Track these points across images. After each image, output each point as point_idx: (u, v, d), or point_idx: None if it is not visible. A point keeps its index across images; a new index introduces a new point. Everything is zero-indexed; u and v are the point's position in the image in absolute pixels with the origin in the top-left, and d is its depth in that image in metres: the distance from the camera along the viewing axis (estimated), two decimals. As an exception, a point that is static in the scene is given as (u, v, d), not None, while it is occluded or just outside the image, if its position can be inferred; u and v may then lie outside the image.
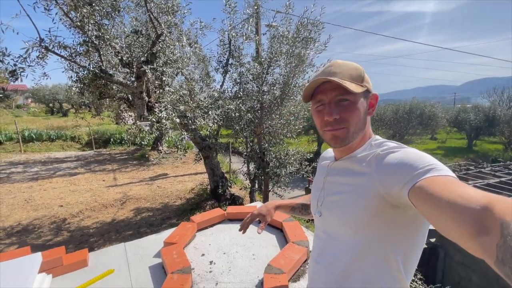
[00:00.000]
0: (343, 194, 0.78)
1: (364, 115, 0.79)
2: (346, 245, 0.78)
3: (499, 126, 19.33)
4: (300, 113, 4.45)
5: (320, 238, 0.90)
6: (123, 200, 6.53)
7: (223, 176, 6.24)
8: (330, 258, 0.83)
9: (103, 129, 15.00)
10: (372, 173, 0.70)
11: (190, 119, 4.77)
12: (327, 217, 0.85)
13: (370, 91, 0.80)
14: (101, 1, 3.06)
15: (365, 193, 0.71)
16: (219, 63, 5.49)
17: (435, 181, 0.55)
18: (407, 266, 0.73)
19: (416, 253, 0.74)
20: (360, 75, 0.78)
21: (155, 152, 12.28)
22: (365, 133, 0.82)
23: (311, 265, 0.96)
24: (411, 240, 0.72)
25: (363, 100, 0.78)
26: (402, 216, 0.69)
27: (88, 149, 13.14)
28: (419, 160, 0.61)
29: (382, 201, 0.68)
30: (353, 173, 0.77)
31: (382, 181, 0.67)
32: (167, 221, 5.48)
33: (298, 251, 1.87)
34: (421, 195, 0.55)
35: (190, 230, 2.28)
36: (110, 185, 7.69)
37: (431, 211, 0.53)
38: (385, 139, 0.80)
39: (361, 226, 0.73)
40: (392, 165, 0.66)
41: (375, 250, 0.73)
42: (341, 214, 0.78)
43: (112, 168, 9.75)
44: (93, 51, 3.47)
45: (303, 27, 3.94)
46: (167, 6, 3.44)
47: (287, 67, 4.19)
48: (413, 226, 0.71)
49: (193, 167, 10.23)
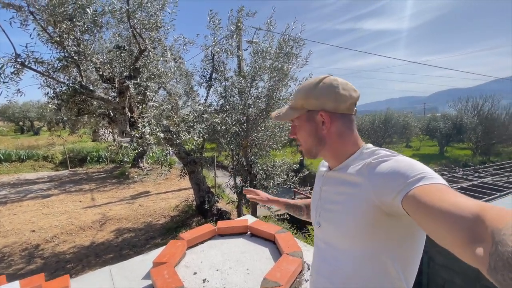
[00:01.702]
0: (338, 204, 0.79)
1: (311, 134, 0.84)
2: (345, 255, 0.78)
3: (466, 133, 20.78)
4: (285, 124, 4.54)
5: (320, 248, 0.90)
6: (102, 221, 6.17)
7: (209, 191, 6.13)
8: (330, 268, 0.83)
9: (79, 147, 14.32)
10: (365, 182, 0.71)
11: (175, 134, 4.70)
12: (325, 227, 0.86)
13: (314, 109, 0.82)
14: (82, 16, 3.01)
15: (359, 203, 0.72)
16: (203, 77, 5.53)
17: (427, 189, 0.56)
18: (406, 274, 0.73)
19: (415, 261, 0.75)
20: (307, 94, 0.83)
21: (135, 169, 11.87)
22: (345, 144, 0.82)
23: (312, 275, 0.96)
24: (409, 247, 0.73)
25: (306, 122, 0.85)
26: (398, 224, 0.69)
27: (63, 168, 12.42)
28: (410, 168, 0.62)
29: (376, 210, 0.68)
30: (347, 183, 0.78)
31: (375, 191, 0.67)
32: (151, 241, 5.24)
33: (293, 263, 1.86)
34: (414, 204, 0.56)
35: (180, 248, 2.19)
36: (87, 206, 7.26)
37: (424, 220, 0.54)
38: (377, 147, 0.81)
39: (357, 236, 0.74)
40: (384, 174, 0.66)
41: (373, 259, 0.73)
42: (337, 224, 0.79)
43: (90, 187, 9.25)
44: (72, 66, 3.36)
45: (285, 43, 4.10)
46: (150, 22, 3.45)
47: (271, 81, 4.30)
48: (410, 233, 0.71)
49: (177, 184, 9.96)
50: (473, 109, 23.25)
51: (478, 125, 20.16)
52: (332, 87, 0.81)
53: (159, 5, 3.49)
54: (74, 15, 2.88)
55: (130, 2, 3.28)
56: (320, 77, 0.84)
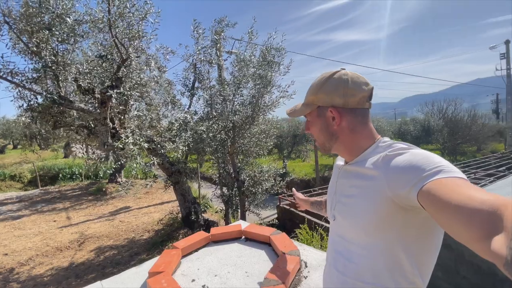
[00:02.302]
0: (353, 197, 0.79)
1: (322, 130, 0.86)
2: (359, 248, 0.78)
3: (434, 134, 22.26)
4: (270, 130, 4.63)
5: (334, 241, 0.90)
6: (80, 240, 5.80)
7: (195, 202, 6.01)
8: (344, 261, 0.82)
9: (49, 164, 13.42)
10: (380, 175, 0.70)
11: (159, 144, 4.61)
12: (340, 220, 0.86)
13: (324, 105, 0.83)
14: (60, 26, 2.93)
15: (374, 196, 0.71)
16: (185, 86, 5.53)
17: (444, 183, 0.54)
18: (422, 269, 0.72)
19: (431, 256, 0.73)
20: (317, 90, 0.84)
21: (113, 184, 11.33)
22: (358, 138, 0.82)
23: (326, 268, 0.96)
24: (425, 242, 0.71)
25: (317, 117, 0.86)
26: (413, 218, 0.68)
27: (32, 188, 11.55)
28: (427, 161, 0.61)
29: (391, 203, 0.67)
30: (362, 176, 0.77)
31: (390, 184, 0.66)
32: (135, 257, 5.00)
33: (291, 261, 1.89)
34: (430, 198, 0.55)
35: (175, 257, 2.14)
36: (63, 226, 6.79)
37: (440, 214, 0.52)
38: (394, 140, 0.79)
39: (372, 229, 0.73)
40: (400, 167, 0.65)
41: (388, 253, 0.72)
42: (352, 217, 0.79)
43: (64, 206, 8.67)
44: (50, 77, 3.23)
45: (267, 52, 4.24)
46: (133, 32, 3.43)
47: (255, 88, 4.40)
48: (426, 228, 0.69)
49: (159, 197, 9.63)
50: (438, 113, 25.02)
51: (444, 127, 21.69)
52: (342, 82, 0.80)
53: (142, 14, 3.48)
54: (53, 24, 2.79)
55: (112, 11, 3.25)
56: (331, 72, 0.84)
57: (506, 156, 11.30)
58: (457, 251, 2.52)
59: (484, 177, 8.09)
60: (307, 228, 4.47)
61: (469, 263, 2.42)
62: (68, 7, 2.90)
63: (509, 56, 18.47)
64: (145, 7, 3.53)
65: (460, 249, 2.47)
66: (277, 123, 5.06)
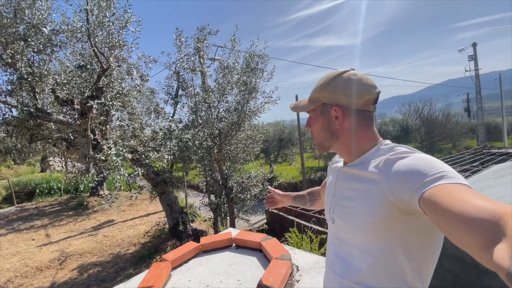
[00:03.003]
0: (354, 200, 0.78)
1: (323, 128, 0.84)
2: (359, 251, 0.77)
3: (412, 134, 23.24)
4: (256, 136, 4.65)
5: (333, 244, 0.89)
6: (61, 258, 5.50)
7: (183, 211, 5.89)
8: (343, 264, 0.81)
9: (25, 179, 12.71)
10: (382, 179, 0.69)
11: (143, 154, 4.51)
12: (339, 223, 0.84)
13: (328, 103, 0.82)
14: (36, 36, 2.83)
15: (375, 199, 0.70)
16: (168, 94, 5.47)
17: (446, 189, 0.54)
18: (422, 273, 0.71)
19: (432, 260, 0.72)
20: (323, 87, 0.83)
21: (95, 198, 10.88)
22: (359, 139, 0.81)
23: (325, 271, 0.96)
24: (426, 247, 0.70)
25: (320, 115, 0.85)
26: (414, 222, 0.67)
27: (7, 205, 10.87)
28: (429, 166, 0.60)
29: (392, 207, 0.66)
30: (363, 179, 0.76)
31: (392, 188, 0.65)
32: (121, 273, 4.81)
33: (283, 266, 1.90)
34: (432, 203, 0.54)
35: (164, 269, 2.09)
36: (42, 244, 6.41)
37: (442, 220, 0.52)
38: (396, 143, 0.78)
39: (372, 233, 0.72)
40: (402, 172, 0.64)
41: (388, 257, 0.71)
42: (352, 221, 0.77)
43: (43, 223, 8.21)
44: (25, 88, 3.10)
45: (251, 59, 4.30)
46: (113, 41, 3.36)
47: (240, 95, 4.43)
48: (427, 233, 0.68)
49: (144, 208, 9.36)
50: (415, 113, 26.15)
51: (421, 126, 22.72)
52: (349, 82, 0.79)
53: (122, 23, 3.44)
54: (28, 34, 2.69)
55: (91, 20, 3.18)
56: (340, 71, 0.82)
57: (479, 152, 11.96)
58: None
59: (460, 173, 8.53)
60: (296, 232, 4.50)
61: (453, 256, 2.52)
62: (44, 17, 2.81)
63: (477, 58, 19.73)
64: (125, 16, 3.49)
65: (443, 242, 2.59)
66: (263, 128, 5.09)
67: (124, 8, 3.47)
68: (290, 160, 19.44)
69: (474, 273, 2.41)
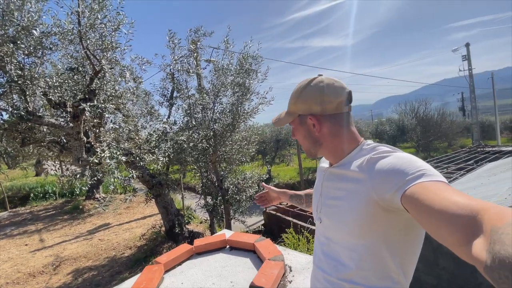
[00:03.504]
0: (339, 200, 0.80)
1: (306, 137, 0.88)
2: (345, 249, 0.78)
3: (408, 133, 23.38)
4: (251, 137, 4.65)
5: (321, 242, 0.91)
6: (55, 263, 5.43)
7: (179, 214, 5.86)
8: (331, 263, 0.83)
9: (19, 183, 12.57)
10: (365, 178, 0.71)
11: (137, 156, 4.48)
12: (326, 222, 0.86)
13: (303, 114, 0.85)
14: (27, 38, 2.80)
15: (359, 198, 0.72)
16: (163, 96, 5.45)
17: (426, 186, 0.56)
18: (405, 268, 0.74)
19: (414, 255, 0.75)
20: (296, 99, 0.86)
21: (90, 201, 10.79)
22: (341, 142, 0.83)
23: (312, 270, 0.97)
24: (408, 242, 0.73)
25: (300, 125, 0.88)
26: (397, 220, 0.69)
27: (0, 210, 10.73)
28: (410, 165, 0.62)
29: (376, 206, 0.68)
30: (347, 179, 0.78)
31: (375, 187, 0.67)
32: (117, 277, 4.76)
33: (276, 266, 1.89)
34: (413, 201, 0.56)
35: (157, 272, 2.07)
36: (35, 249, 6.33)
37: (423, 217, 0.53)
38: (377, 143, 0.80)
39: (357, 231, 0.74)
40: (384, 171, 0.66)
41: (373, 254, 0.73)
42: (338, 219, 0.79)
43: (37, 228, 8.12)
44: (16, 91, 3.07)
45: (245, 60, 4.30)
46: (105, 43, 3.34)
47: (235, 96, 4.43)
48: (409, 229, 0.71)
49: (140, 211, 9.29)
50: (411, 112, 26.32)
51: (417, 125, 22.87)
52: (318, 90, 0.81)
53: (114, 25, 3.42)
54: (18, 37, 2.66)
55: (82, 23, 3.16)
56: (308, 80, 0.85)
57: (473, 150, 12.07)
58: (436, 243, 2.64)
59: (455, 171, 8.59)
60: (293, 232, 4.49)
61: (448, 254, 2.53)
62: (34, 19, 2.78)
63: (470, 58, 19.94)
64: (118, 18, 3.47)
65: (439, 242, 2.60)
66: (258, 129, 5.09)
67: (117, 10, 3.45)
68: (288, 161, 19.45)
69: (468, 270, 2.43)
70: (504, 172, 4.50)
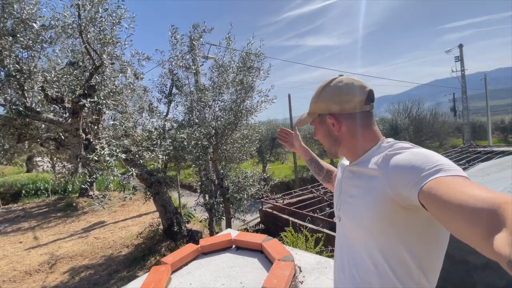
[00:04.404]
0: (356, 197, 0.79)
1: (326, 136, 0.90)
2: (364, 247, 0.77)
3: (401, 133, 23.70)
4: (252, 135, 4.62)
5: (341, 241, 0.91)
6: (51, 261, 5.33)
7: (177, 212, 5.81)
8: (350, 261, 0.83)
9: (10, 180, 12.26)
10: (381, 175, 0.70)
11: (136, 154, 4.41)
12: (344, 221, 0.86)
13: (323, 113, 0.87)
14: (25, 31, 2.70)
15: (375, 195, 0.70)
16: (162, 93, 5.37)
17: (444, 181, 0.54)
18: (428, 271, 0.71)
19: (437, 256, 0.71)
20: (316, 99, 0.88)
21: (84, 198, 10.61)
22: (360, 140, 0.83)
23: (334, 268, 0.97)
24: (429, 242, 0.70)
25: (320, 125, 0.91)
26: (415, 218, 0.67)
27: (-9, 207, 10.46)
28: (427, 160, 0.60)
29: (392, 203, 0.66)
30: (364, 176, 0.78)
31: (391, 183, 0.66)
32: (115, 276, 4.70)
33: (286, 267, 1.89)
34: (430, 197, 0.54)
35: (164, 273, 2.05)
36: (30, 247, 6.20)
37: (441, 213, 0.52)
38: (397, 140, 0.79)
39: (375, 229, 0.72)
40: (399, 166, 0.65)
41: (392, 253, 0.71)
42: (355, 217, 0.79)
43: (30, 225, 7.95)
44: (13, 86, 2.96)
45: (247, 57, 4.26)
46: (106, 37, 3.26)
47: (236, 94, 4.39)
48: (429, 227, 0.68)
49: (136, 209, 9.19)
50: (404, 112, 26.66)
51: (409, 125, 23.19)
52: (336, 90, 0.83)
53: (115, 19, 3.33)
54: (17, 30, 2.56)
55: (82, 16, 3.07)
56: (328, 80, 0.87)
57: (464, 150, 12.32)
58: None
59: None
60: (292, 231, 4.50)
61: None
62: (33, 12, 2.68)
63: (463, 59, 20.27)
64: (119, 11, 3.38)
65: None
66: (259, 128, 5.08)
67: (117, 3, 3.36)
68: (283, 159, 19.51)
69: (463, 269, 2.47)
70: (497, 172, 4.60)
